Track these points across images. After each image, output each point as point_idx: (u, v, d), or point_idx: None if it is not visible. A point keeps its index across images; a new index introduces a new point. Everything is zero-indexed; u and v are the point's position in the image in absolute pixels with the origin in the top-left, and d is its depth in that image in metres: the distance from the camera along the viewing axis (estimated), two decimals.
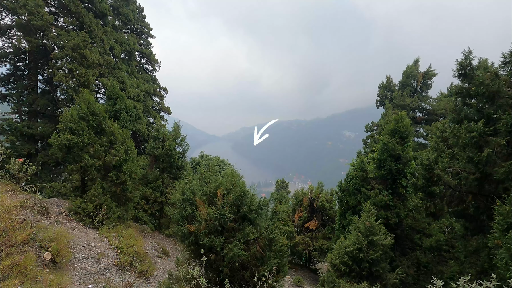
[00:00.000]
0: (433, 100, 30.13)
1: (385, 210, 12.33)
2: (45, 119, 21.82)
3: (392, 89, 32.92)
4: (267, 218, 8.12)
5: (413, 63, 30.97)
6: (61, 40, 20.12)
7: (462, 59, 8.02)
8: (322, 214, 19.07)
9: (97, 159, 11.82)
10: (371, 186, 13.17)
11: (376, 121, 32.20)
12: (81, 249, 9.21)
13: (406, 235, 12.85)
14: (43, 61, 22.04)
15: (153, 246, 13.12)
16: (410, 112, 30.08)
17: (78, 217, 11.25)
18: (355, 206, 13.58)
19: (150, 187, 15.91)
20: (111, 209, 11.72)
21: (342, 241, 10.67)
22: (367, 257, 9.68)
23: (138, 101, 27.10)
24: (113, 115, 18.06)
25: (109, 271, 8.62)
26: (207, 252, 7.02)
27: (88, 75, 20.28)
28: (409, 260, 12.16)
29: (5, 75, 21.42)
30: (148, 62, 34.52)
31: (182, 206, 7.47)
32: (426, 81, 30.23)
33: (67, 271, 7.75)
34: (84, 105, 12.07)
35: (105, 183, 12.02)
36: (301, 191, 20.45)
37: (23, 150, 19.60)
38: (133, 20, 30.43)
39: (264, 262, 7.46)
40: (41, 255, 7.35)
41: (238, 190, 7.38)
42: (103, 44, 23.79)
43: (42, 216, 10.07)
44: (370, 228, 9.87)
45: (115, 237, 10.65)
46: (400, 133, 12.94)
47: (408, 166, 12.65)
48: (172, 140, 15.95)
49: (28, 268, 5.79)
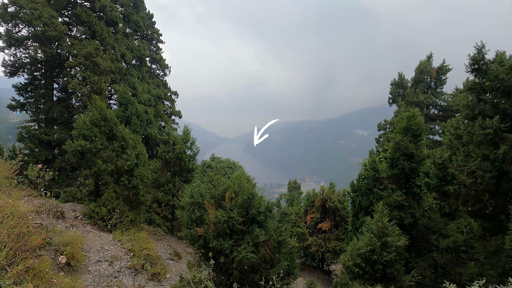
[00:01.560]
0: (448, 96, 29.25)
1: (399, 210, 12.02)
2: (61, 126, 22.53)
3: (404, 86, 32.20)
4: (276, 220, 8.07)
5: (426, 58, 30.19)
6: (74, 49, 20.77)
7: (475, 53, 7.73)
8: (334, 215, 18.79)
9: (110, 164, 12.09)
10: (383, 186, 12.87)
11: (389, 119, 31.56)
12: (95, 252, 9.42)
13: (422, 236, 12.47)
14: (58, 70, 22.80)
15: (166, 248, 13.28)
16: (424, 109, 29.30)
17: (92, 221, 11.51)
18: (367, 207, 13.30)
19: (162, 190, 16.12)
20: (124, 212, 11.95)
21: (354, 242, 10.47)
22: (381, 259, 9.45)
23: (149, 105, 27.60)
24: (125, 120, 18.45)
25: (122, 274, 8.78)
26: (216, 255, 7.02)
27: (100, 82, 20.82)
28: (425, 261, 11.79)
29: (23, 84, 22.28)
30: (158, 67, 35.14)
31: (191, 209, 7.52)
32: (440, 76, 29.38)
33: (82, 274, 7.94)
34: (96, 112, 12.38)
35: (118, 188, 12.27)
36: (313, 192, 20.22)
37: (41, 156, 20.31)
38: (143, 26, 31.07)
39: (274, 265, 7.40)
40: (56, 259, 7.56)
41: (246, 192, 7.36)
42: (114, 51, 24.39)
43: (57, 220, 10.37)
44: (383, 229, 9.64)
45: (128, 240, 10.84)
46: (413, 131, 12.60)
47: (422, 164, 12.29)
48: (183, 144, 16.12)
49: (44, 272, 5.94)
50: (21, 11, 19.63)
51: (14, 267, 4.32)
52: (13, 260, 4.50)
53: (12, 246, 4.81)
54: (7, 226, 5.01)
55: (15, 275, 4.17)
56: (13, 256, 4.63)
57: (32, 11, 18.87)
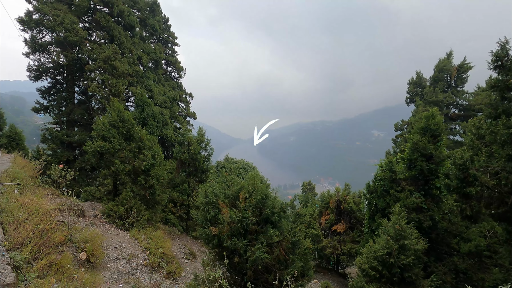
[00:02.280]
0: (469, 95, 28.15)
1: (417, 213, 11.66)
2: (82, 128, 23.37)
3: (423, 85, 31.28)
4: (290, 221, 8.03)
5: (446, 56, 29.22)
6: (94, 53, 21.51)
7: (498, 50, 7.40)
8: (350, 216, 18.48)
9: (127, 164, 12.42)
10: (401, 188, 12.53)
11: (406, 119, 30.74)
12: (113, 250, 9.69)
13: (442, 239, 12.04)
14: (79, 73, 23.68)
15: (181, 248, 13.48)
16: (444, 109, 28.34)
17: (111, 219, 11.86)
18: (384, 209, 12.99)
19: (177, 190, 16.40)
20: (141, 211, 12.24)
21: (370, 245, 10.24)
22: (398, 262, 9.19)
23: (165, 107, 28.16)
24: (141, 121, 18.91)
25: (139, 271, 8.98)
26: (230, 254, 7.07)
27: (118, 84, 21.45)
28: (445, 266, 11.37)
29: (46, 88, 23.30)
30: (173, 69, 35.79)
31: (205, 209, 7.61)
32: (461, 74, 28.33)
33: (101, 271, 8.19)
34: (114, 113, 12.76)
35: (135, 187, 12.59)
36: (328, 193, 19.98)
37: (63, 157, 21.13)
38: (159, 30, 31.76)
39: (288, 266, 7.37)
40: (77, 255, 7.83)
41: (260, 192, 7.37)
42: (131, 54, 25.07)
43: (78, 218, 10.75)
44: (400, 231, 9.38)
45: (145, 239, 11.09)
46: (432, 131, 12.20)
47: (441, 166, 11.88)
48: (197, 144, 16.34)
49: (66, 267, 6.17)
50: (45, 18, 20.54)
51: (39, 261, 4.52)
52: (38, 255, 4.71)
53: (37, 241, 5.03)
54: (32, 223, 5.25)
55: (39, 269, 4.36)
56: (37, 251, 4.85)
57: (55, 17, 19.71)
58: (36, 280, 3.87)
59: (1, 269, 3.55)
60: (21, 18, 20.41)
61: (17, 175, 8.88)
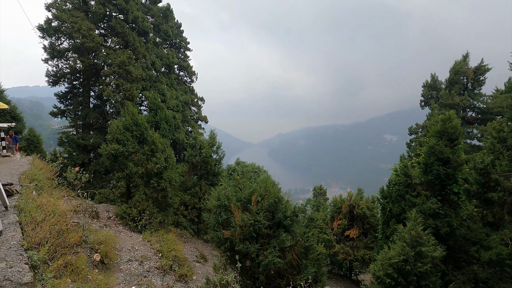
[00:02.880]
0: (487, 98, 27.27)
1: (434, 219, 11.28)
2: (96, 131, 23.93)
3: (438, 87, 30.55)
4: (302, 225, 7.91)
5: (462, 58, 28.44)
6: (109, 58, 22.05)
7: None
8: (363, 222, 18.08)
9: (140, 167, 12.59)
10: (416, 193, 12.17)
11: (421, 123, 30.02)
12: (126, 251, 9.79)
13: (460, 247, 11.58)
14: (95, 78, 24.32)
15: (192, 251, 13.50)
16: (461, 112, 27.54)
17: (124, 221, 12.01)
18: (399, 214, 12.64)
19: (189, 193, 16.49)
20: (153, 214, 12.35)
21: (385, 251, 9.96)
22: (415, 270, 8.90)
23: (177, 111, 28.51)
24: (154, 125, 19.18)
25: (151, 274, 9.03)
26: (242, 258, 7.01)
27: (132, 89, 21.88)
28: (464, 275, 10.92)
29: (64, 93, 24.02)
30: (186, 74, 36.27)
31: (217, 212, 7.59)
32: (478, 77, 27.50)
33: (114, 272, 8.27)
34: (129, 117, 12.99)
35: (148, 190, 12.73)
36: (340, 198, 19.65)
37: (78, 160, 21.65)
38: (172, 35, 32.33)
39: (300, 271, 7.24)
40: (91, 256, 7.94)
41: (272, 196, 7.30)
42: (145, 59, 25.57)
43: (93, 220, 10.93)
44: (416, 238, 9.09)
45: (157, 241, 11.16)
46: (449, 134, 11.82)
47: (459, 170, 11.48)
48: (209, 148, 16.43)
49: (80, 268, 6.26)
50: (63, 25, 21.26)
51: (55, 261, 4.59)
52: (54, 255, 4.79)
53: (53, 242, 5.12)
54: (49, 223, 5.35)
55: (56, 269, 4.42)
56: (53, 251, 4.93)
57: (72, 24, 20.36)
58: (53, 280, 3.92)
59: (19, 268, 3.61)
60: (41, 26, 21.20)
61: (35, 177, 9.12)
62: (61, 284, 3.94)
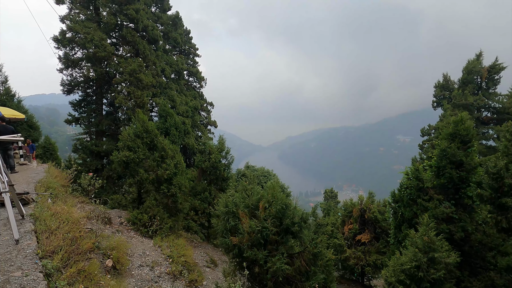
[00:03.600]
0: (503, 97, 26.47)
1: (448, 224, 11.00)
2: (109, 138, 24.53)
3: (450, 87, 29.88)
4: (311, 231, 7.88)
5: (475, 57, 27.76)
6: (120, 66, 22.64)
7: None
8: (374, 226, 17.78)
9: (151, 173, 12.83)
10: (429, 197, 11.91)
11: (433, 124, 29.40)
12: (138, 257, 9.96)
13: (476, 253, 11.22)
14: (107, 86, 25.00)
15: (202, 256, 13.60)
16: (475, 112, 26.82)
17: (135, 227, 12.23)
18: (411, 219, 12.39)
19: (199, 198, 16.64)
20: (164, 219, 12.53)
21: (397, 257, 9.79)
22: (428, 276, 8.71)
23: (186, 117, 28.91)
24: (164, 131, 19.52)
25: (161, 279, 9.15)
26: (250, 264, 7.04)
27: (143, 96, 22.36)
28: (481, 281, 10.57)
29: (78, 101, 24.78)
30: (195, 79, 36.80)
31: (225, 219, 7.66)
32: (492, 76, 26.74)
33: (126, 278, 8.43)
34: (139, 124, 13.29)
35: (158, 195, 12.94)
36: (351, 202, 19.40)
37: (92, 166, 22.22)
38: (181, 42, 32.92)
39: (309, 278, 7.21)
40: (104, 262, 8.13)
41: (280, 202, 7.32)
42: (155, 67, 26.12)
43: (105, 226, 11.18)
44: (429, 243, 8.90)
45: (167, 247, 11.30)
46: (461, 136, 11.55)
47: (473, 173, 11.18)
48: (218, 153, 16.57)
49: (93, 274, 6.42)
50: (77, 36, 22.00)
51: (68, 269, 4.75)
52: (67, 262, 4.95)
53: (67, 249, 5.29)
54: (62, 231, 5.54)
55: (69, 277, 4.58)
56: (67, 259, 5.10)
57: (85, 35, 21.05)
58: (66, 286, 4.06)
59: (34, 276, 3.77)
60: (56, 37, 22.01)
61: (50, 185, 9.44)
62: None
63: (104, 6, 23.13)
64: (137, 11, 23.65)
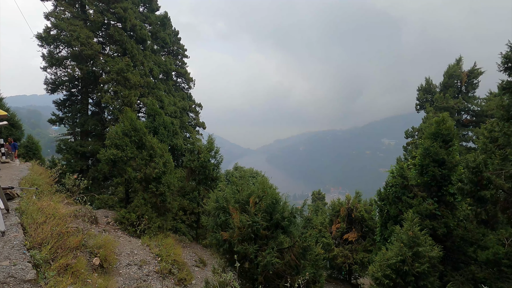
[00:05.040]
0: (481, 101, 27.69)
1: (431, 220, 11.39)
2: (95, 138, 23.97)
3: (432, 91, 30.98)
4: (300, 226, 8.00)
5: (455, 62, 28.97)
6: (107, 66, 22.25)
7: (508, 51, 7.37)
8: (361, 225, 18.13)
9: (139, 172, 12.66)
10: (413, 194, 12.31)
11: (417, 126, 30.36)
12: (126, 256, 9.80)
13: (458, 248, 11.66)
14: (93, 86, 24.47)
15: (191, 255, 13.49)
16: (456, 115, 27.91)
17: (123, 226, 12.03)
18: (396, 216, 12.74)
19: (187, 198, 16.50)
20: (152, 219, 12.37)
21: (383, 252, 10.03)
22: (413, 270, 8.97)
23: (175, 117, 28.65)
24: (153, 130, 19.28)
25: (150, 278, 9.04)
26: (241, 259, 7.07)
27: (130, 95, 22.04)
28: (463, 275, 10.97)
29: (62, 100, 24.13)
30: (183, 80, 36.57)
31: (216, 214, 7.68)
32: (471, 80, 27.97)
33: (113, 276, 8.28)
34: (127, 122, 13.12)
35: (146, 195, 12.77)
36: (338, 201, 19.72)
37: (77, 167, 21.64)
38: (169, 43, 32.68)
39: (299, 271, 7.31)
40: (91, 260, 7.97)
41: (270, 197, 7.42)
42: (143, 67, 25.81)
43: (91, 225, 10.94)
44: (414, 238, 9.19)
45: (156, 246, 11.17)
46: (443, 136, 12.03)
47: (454, 171, 11.65)
48: (207, 152, 16.52)
49: (80, 271, 6.30)
50: (62, 33, 21.49)
51: (58, 260, 4.66)
52: (55, 255, 4.85)
53: (54, 243, 5.18)
54: (50, 225, 5.42)
55: (57, 268, 4.49)
56: (54, 252, 5.00)
57: (71, 33, 20.60)
58: (56, 277, 3.99)
59: (22, 266, 3.69)
60: (40, 35, 21.41)
61: (35, 182, 9.18)
62: (64, 281, 4.01)
63: (91, 4, 22.71)
64: (125, 9, 23.37)
